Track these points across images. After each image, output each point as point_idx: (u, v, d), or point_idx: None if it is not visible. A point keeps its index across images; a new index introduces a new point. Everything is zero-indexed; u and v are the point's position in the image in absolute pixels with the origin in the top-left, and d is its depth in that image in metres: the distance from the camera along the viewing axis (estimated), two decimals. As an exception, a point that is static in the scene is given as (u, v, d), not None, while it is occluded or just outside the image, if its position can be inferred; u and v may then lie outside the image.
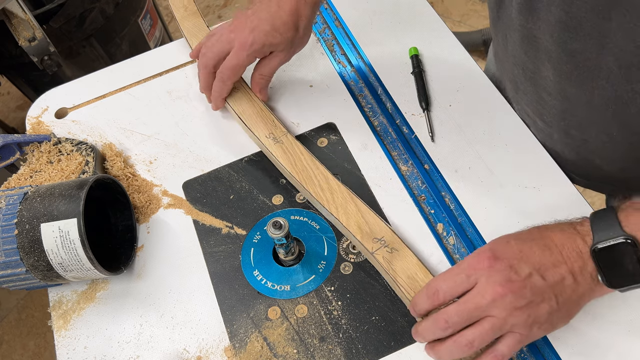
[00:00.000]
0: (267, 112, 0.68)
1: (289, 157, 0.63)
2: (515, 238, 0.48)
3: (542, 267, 0.45)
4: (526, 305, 0.44)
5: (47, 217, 0.55)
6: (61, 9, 1.26)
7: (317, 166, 0.62)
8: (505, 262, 0.45)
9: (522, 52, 0.59)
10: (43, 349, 1.51)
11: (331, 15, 0.82)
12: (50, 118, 0.77)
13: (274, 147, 0.64)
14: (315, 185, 0.61)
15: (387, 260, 0.54)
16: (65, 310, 0.61)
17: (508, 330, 0.45)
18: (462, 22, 1.99)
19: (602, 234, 0.44)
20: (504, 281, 0.44)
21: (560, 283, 0.45)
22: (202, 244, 0.63)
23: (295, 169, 0.62)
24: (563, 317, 0.46)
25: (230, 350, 0.55)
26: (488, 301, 0.44)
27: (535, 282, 0.44)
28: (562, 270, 0.45)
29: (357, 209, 0.58)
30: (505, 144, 0.65)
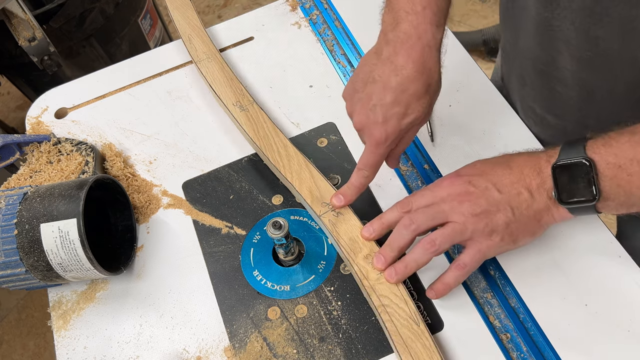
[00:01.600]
0: (236, 81, 0.71)
1: (252, 125, 0.67)
2: (482, 161, 0.53)
3: (499, 183, 0.50)
4: (482, 212, 0.49)
5: (47, 217, 0.55)
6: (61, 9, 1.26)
7: (278, 134, 0.66)
8: (466, 177, 0.51)
9: (534, 45, 0.59)
10: (43, 349, 1.51)
11: (331, 15, 0.82)
12: (50, 118, 0.77)
13: (239, 115, 0.68)
14: (274, 151, 0.64)
15: (333, 223, 0.58)
16: (65, 310, 0.61)
17: (468, 237, 0.50)
18: (462, 22, 1.99)
19: (565, 154, 0.47)
20: (463, 192, 0.50)
21: (516, 197, 0.49)
22: (202, 244, 0.63)
23: (257, 136, 0.66)
24: (522, 230, 0.50)
25: (230, 351, 0.55)
26: (449, 208, 0.50)
27: (491, 193, 0.49)
28: (519, 185, 0.49)
29: (310, 175, 0.62)
30: (505, 144, 0.65)
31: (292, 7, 0.84)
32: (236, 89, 0.71)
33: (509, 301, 0.54)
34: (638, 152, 0.43)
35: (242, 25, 0.84)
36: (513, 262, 0.56)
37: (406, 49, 0.52)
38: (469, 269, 0.51)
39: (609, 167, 0.45)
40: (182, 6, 0.83)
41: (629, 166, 0.44)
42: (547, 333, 0.52)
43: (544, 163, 0.49)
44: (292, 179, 0.62)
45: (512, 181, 0.49)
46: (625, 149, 0.44)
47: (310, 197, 0.60)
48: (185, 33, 0.79)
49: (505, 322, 0.53)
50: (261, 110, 0.68)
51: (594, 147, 0.46)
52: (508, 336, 0.52)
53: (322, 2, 0.84)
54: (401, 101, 0.52)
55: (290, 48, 0.79)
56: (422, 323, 0.50)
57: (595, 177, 0.45)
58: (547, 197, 0.49)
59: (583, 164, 0.45)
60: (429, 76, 0.53)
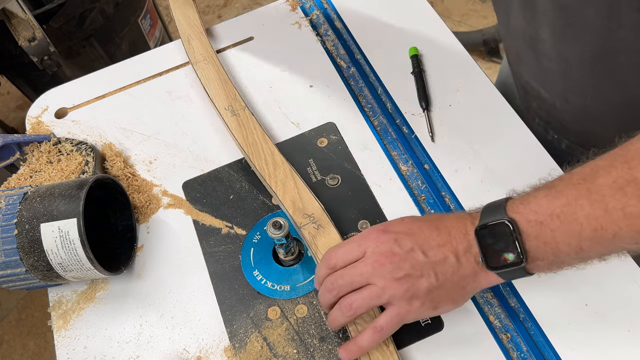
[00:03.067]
0: (230, 85, 0.71)
1: (242, 130, 0.66)
2: (410, 218, 0.50)
3: (426, 245, 0.47)
4: (404, 277, 0.46)
5: (47, 217, 0.55)
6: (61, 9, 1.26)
7: (267, 141, 0.65)
8: (392, 235, 0.48)
9: (522, 20, 0.59)
10: (43, 349, 1.51)
11: (331, 15, 0.82)
12: (50, 118, 0.77)
13: (230, 119, 0.68)
14: (260, 159, 0.64)
15: (312, 235, 0.57)
16: (65, 310, 0.61)
17: (387, 300, 0.47)
18: (462, 22, 1.99)
19: (487, 216, 0.45)
20: (387, 252, 0.47)
21: (442, 262, 0.46)
22: (202, 244, 0.63)
23: (246, 142, 0.65)
24: (445, 297, 0.47)
25: (230, 350, 0.55)
26: (369, 269, 0.47)
27: (416, 256, 0.46)
28: (445, 249, 0.46)
29: (294, 185, 0.61)
30: (505, 144, 0.65)
31: (292, 7, 0.84)
32: (229, 92, 0.71)
33: (509, 301, 0.54)
34: (556, 206, 0.42)
35: (242, 25, 0.84)
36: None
37: None
38: (385, 332, 0.48)
39: (530, 225, 0.43)
40: (184, 5, 0.82)
41: (550, 222, 0.42)
42: (547, 333, 0.52)
43: (469, 225, 0.46)
44: (277, 187, 0.61)
45: (439, 244, 0.47)
46: (544, 205, 0.43)
47: (293, 207, 0.60)
48: (185, 33, 0.79)
49: (505, 322, 0.53)
50: (252, 116, 0.68)
51: (513, 206, 0.44)
52: (508, 336, 0.52)
53: (322, 2, 0.84)
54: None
55: (290, 48, 0.79)
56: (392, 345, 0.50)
57: (519, 237, 0.43)
58: (475, 261, 0.46)
59: (505, 224, 0.43)
60: None
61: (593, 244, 0.41)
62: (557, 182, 0.43)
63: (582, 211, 0.41)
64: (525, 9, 0.58)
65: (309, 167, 0.66)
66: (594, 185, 0.40)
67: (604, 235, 0.40)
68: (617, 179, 0.39)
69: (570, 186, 0.42)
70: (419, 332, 0.53)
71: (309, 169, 0.66)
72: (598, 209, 0.40)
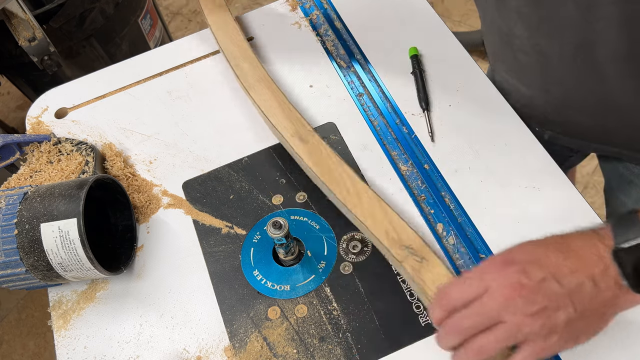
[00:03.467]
0: (291, 107, 0.65)
1: (314, 158, 0.60)
2: (532, 243, 0.45)
3: (558, 272, 0.42)
4: (539, 311, 0.41)
5: (47, 217, 0.55)
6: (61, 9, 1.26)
7: (344, 169, 0.59)
8: (518, 265, 0.43)
9: (497, 17, 0.60)
10: (43, 349, 1.51)
11: (331, 15, 0.82)
12: (50, 118, 0.77)
13: (300, 147, 0.61)
14: (341, 188, 0.57)
15: (416, 270, 0.51)
16: (65, 310, 0.61)
17: (523, 339, 0.42)
18: (462, 22, 1.99)
19: (623, 234, 0.41)
20: (516, 284, 0.42)
21: (578, 289, 0.41)
22: (202, 244, 0.63)
23: (321, 170, 0.59)
24: (585, 327, 0.43)
25: (230, 350, 0.55)
26: (498, 305, 0.42)
27: (549, 287, 0.41)
28: (580, 275, 0.41)
29: (384, 214, 0.55)
30: (505, 144, 0.65)
31: (292, 7, 0.84)
32: (293, 116, 0.64)
33: (509, 301, 0.54)
34: None
35: (242, 25, 0.84)
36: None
37: None
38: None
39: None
40: (227, 28, 0.76)
41: None
42: (547, 333, 0.52)
43: (600, 245, 0.42)
44: (365, 219, 0.55)
45: (571, 270, 0.42)
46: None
47: (387, 239, 0.53)
48: (234, 57, 0.72)
49: (505, 322, 0.53)
50: (322, 141, 0.62)
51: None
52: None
53: (322, 2, 0.84)
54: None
55: (290, 48, 0.79)
56: None
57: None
58: (614, 284, 0.41)
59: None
60: None
61: None
62: None
63: None
64: (498, 6, 0.58)
65: (309, 167, 0.66)
66: None
67: None
68: None
69: None
70: (419, 332, 0.54)
71: (309, 169, 0.66)
72: None
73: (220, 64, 0.80)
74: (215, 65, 0.80)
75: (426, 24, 0.78)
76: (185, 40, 0.83)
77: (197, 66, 0.80)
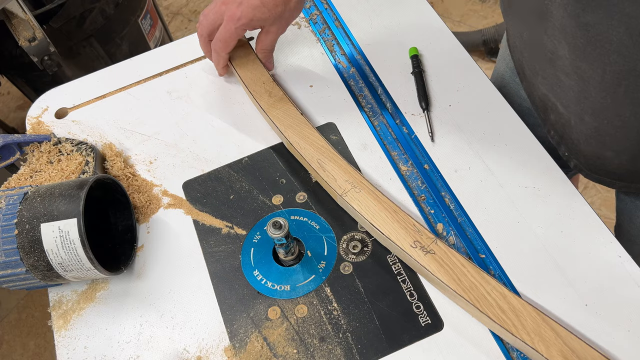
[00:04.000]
0: (402, 213, 0.56)
1: (448, 272, 0.51)
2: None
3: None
4: None
5: (47, 217, 0.55)
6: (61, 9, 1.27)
7: (487, 279, 0.50)
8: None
9: (541, 33, 0.58)
10: (43, 349, 1.51)
11: (331, 15, 0.82)
12: (50, 118, 0.77)
13: (426, 260, 0.52)
14: (492, 306, 0.49)
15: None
16: (65, 310, 0.61)
17: None
18: (462, 22, 1.99)
19: None
20: None
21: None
22: (202, 244, 0.63)
23: (461, 287, 0.50)
24: None
25: (230, 350, 0.55)
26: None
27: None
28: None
29: (554, 333, 0.47)
30: (505, 144, 0.65)
31: (292, 7, 0.84)
32: (406, 222, 0.55)
33: (509, 301, 0.54)
34: None
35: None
36: (513, 262, 0.56)
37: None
38: None
39: None
40: (294, 121, 0.66)
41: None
42: (547, 333, 0.52)
43: None
44: (533, 342, 0.47)
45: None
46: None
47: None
48: (313, 158, 0.62)
49: (505, 322, 0.53)
50: (449, 247, 0.53)
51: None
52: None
53: (322, 2, 0.84)
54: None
55: (290, 48, 0.79)
56: None
57: None
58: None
59: None
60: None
61: None
62: None
63: None
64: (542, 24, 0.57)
65: (309, 167, 0.66)
66: None
67: None
68: None
69: None
70: (419, 332, 0.54)
71: (309, 169, 0.66)
72: None
73: (220, 64, 0.80)
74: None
75: (426, 24, 0.78)
76: (185, 40, 0.83)
77: (197, 66, 0.80)
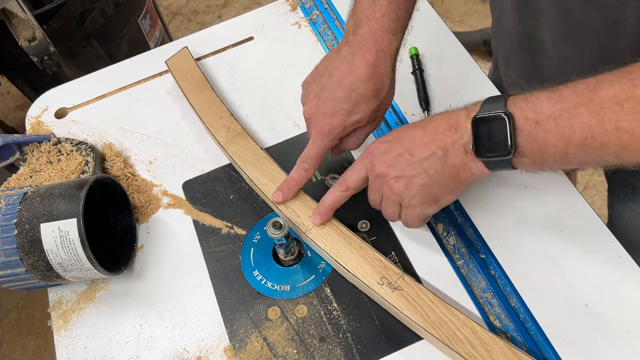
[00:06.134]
0: (368, 249, 0.56)
1: (416, 308, 0.51)
2: (409, 125, 0.53)
3: (412, 147, 0.50)
4: (397, 178, 0.51)
5: (47, 217, 0.55)
6: (61, 9, 1.26)
7: (456, 314, 0.50)
8: (383, 146, 0.53)
9: (516, 21, 0.60)
10: (43, 349, 1.51)
11: (331, 16, 0.82)
12: (50, 118, 0.77)
13: (394, 298, 0.52)
14: (463, 342, 0.48)
15: None
16: (65, 310, 0.61)
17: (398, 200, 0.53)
18: (462, 22, 1.99)
19: (488, 107, 0.46)
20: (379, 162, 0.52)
21: (429, 158, 0.49)
22: (202, 244, 0.63)
23: (430, 324, 0.50)
24: (441, 189, 0.51)
25: (230, 351, 0.55)
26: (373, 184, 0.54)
27: (403, 159, 0.51)
28: (432, 146, 0.49)
29: None
30: (505, 144, 0.65)
31: (292, 7, 0.84)
32: (374, 259, 0.55)
33: (509, 301, 0.54)
34: (556, 109, 0.43)
35: (242, 25, 0.84)
36: (513, 262, 0.56)
37: (362, 52, 0.55)
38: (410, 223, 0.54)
39: (527, 122, 0.44)
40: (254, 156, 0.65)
41: (546, 123, 0.43)
42: (547, 333, 0.52)
43: (462, 118, 0.49)
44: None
45: (425, 142, 0.50)
46: (545, 106, 0.44)
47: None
48: None
49: (505, 322, 0.53)
50: (416, 283, 0.53)
51: (515, 102, 0.46)
52: (508, 336, 0.52)
53: (322, 2, 0.84)
54: (350, 99, 0.55)
55: (290, 48, 0.79)
56: None
57: (513, 131, 0.45)
58: (464, 152, 0.48)
59: (502, 117, 0.45)
60: (379, 80, 0.56)
61: (578, 150, 0.43)
62: (562, 88, 0.44)
63: (579, 118, 0.42)
64: (520, 8, 0.58)
65: (309, 167, 0.66)
66: (596, 96, 0.42)
67: (592, 144, 0.42)
68: (618, 93, 0.41)
69: (573, 94, 0.43)
70: (419, 332, 0.54)
71: (309, 169, 0.66)
72: (594, 118, 0.41)
73: (219, 63, 0.80)
74: (214, 64, 0.80)
75: (426, 24, 0.78)
76: (185, 40, 0.83)
77: (197, 66, 0.80)
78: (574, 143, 0.42)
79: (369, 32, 0.55)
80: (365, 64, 0.55)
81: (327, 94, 0.56)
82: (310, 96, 0.58)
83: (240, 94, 0.76)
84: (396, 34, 0.56)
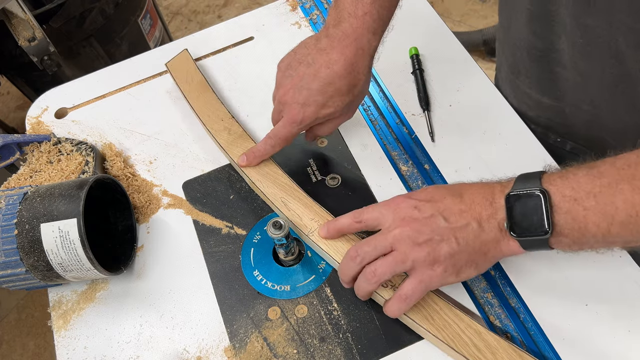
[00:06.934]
0: None
1: (420, 310, 0.51)
2: (435, 186, 0.52)
3: (447, 211, 0.48)
4: (425, 242, 0.47)
5: (47, 217, 0.55)
6: (61, 9, 1.27)
7: (460, 316, 0.50)
8: (413, 202, 0.49)
9: (528, 33, 0.59)
10: (43, 349, 1.51)
11: (331, 15, 0.82)
12: (50, 118, 0.77)
13: None
14: (468, 345, 0.49)
15: None
16: (65, 310, 0.61)
17: (410, 266, 0.48)
18: (462, 22, 1.99)
19: (522, 184, 0.45)
20: (407, 217, 0.49)
21: (463, 227, 0.47)
22: (202, 244, 0.63)
23: (434, 326, 0.50)
24: (466, 262, 0.48)
25: (230, 351, 0.55)
26: (392, 234, 0.49)
27: (436, 222, 0.47)
28: (467, 216, 0.47)
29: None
30: (505, 144, 0.65)
31: (292, 7, 0.84)
32: None
33: (509, 301, 0.54)
34: (596, 185, 0.42)
35: (242, 25, 0.84)
36: (513, 263, 0.56)
37: (342, 47, 0.56)
38: (410, 300, 0.49)
39: (564, 199, 0.43)
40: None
41: (585, 200, 0.42)
42: (547, 333, 0.52)
43: (497, 193, 0.47)
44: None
45: (461, 210, 0.48)
46: (583, 182, 0.42)
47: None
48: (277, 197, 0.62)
49: (505, 322, 0.53)
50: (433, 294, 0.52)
51: (551, 179, 0.44)
52: (508, 336, 0.52)
53: (322, 2, 0.84)
54: (325, 92, 0.56)
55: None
56: None
57: (550, 209, 0.43)
58: (498, 228, 0.47)
59: (537, 195, 0.43)
60: (355, 77, 0.56)
61: (623, 229, 0.41)
62: (600, 164, 0.43)
63: (622, 195, 0.40)
64: (535, 21, 0.57)
65: (309, 167, 0.66)
66: (638, 172, 0.40)
67: (638, 222, 0.40)
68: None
69: (613, 169, 0.42)
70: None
71: (309, 169, 0.66)
72: (638, 195, 0.40)
73: (219, 63, 0.80)
74: (215, 64, 0.80)
75: (426, 24, 0.78)
76: (185, 40, 0.83)
77: (197, 66, 0.80)
78: (618, 221, 0.41)
79: (350, 28, 0.56)
80: (344, 60, 0.55)
81: (304, 84, 0.57)
82: (286, 81, 0.59)
83: (240, 93, 0.76)
84: (376, 33, 0.57)
